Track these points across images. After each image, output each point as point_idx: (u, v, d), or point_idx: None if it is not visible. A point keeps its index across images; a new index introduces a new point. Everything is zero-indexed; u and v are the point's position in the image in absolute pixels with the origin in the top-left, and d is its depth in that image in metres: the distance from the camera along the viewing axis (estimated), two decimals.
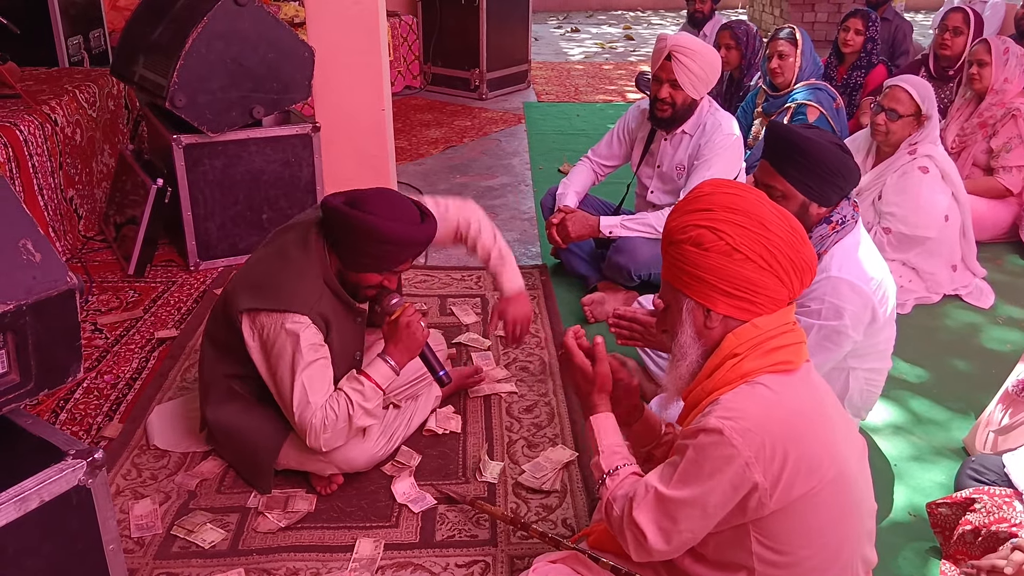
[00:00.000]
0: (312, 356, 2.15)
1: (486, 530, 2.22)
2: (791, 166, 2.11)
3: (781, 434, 1.41)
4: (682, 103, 3.16)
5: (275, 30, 3.47)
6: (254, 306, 2.18)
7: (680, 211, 1.56)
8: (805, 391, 1.50)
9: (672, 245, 1.54)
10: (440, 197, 2.62)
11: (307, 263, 2.21)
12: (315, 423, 2.15)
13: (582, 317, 3.30)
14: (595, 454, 1.71)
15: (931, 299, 3.55)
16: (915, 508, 2.34)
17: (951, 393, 2.92)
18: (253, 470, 2.35)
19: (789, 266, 1.48)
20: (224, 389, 2.35)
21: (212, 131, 3.46)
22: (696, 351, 1.55)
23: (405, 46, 7.00)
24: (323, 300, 2.21)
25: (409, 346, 2.25)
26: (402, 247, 2.19)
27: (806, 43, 4.11)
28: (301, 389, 2.14)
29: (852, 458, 1.52)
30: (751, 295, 1.48)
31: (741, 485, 1.41)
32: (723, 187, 1.55)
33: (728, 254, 1.47)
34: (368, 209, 2.13)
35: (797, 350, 1.51)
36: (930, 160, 3.44)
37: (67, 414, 2.66)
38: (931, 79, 4.59)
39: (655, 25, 11.51)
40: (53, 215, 3.66)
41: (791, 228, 1.49)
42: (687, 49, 3.06)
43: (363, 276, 2.24)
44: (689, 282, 1.51)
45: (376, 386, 2.21)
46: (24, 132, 3.46)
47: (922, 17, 11.00)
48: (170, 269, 3.68)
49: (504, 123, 6.22)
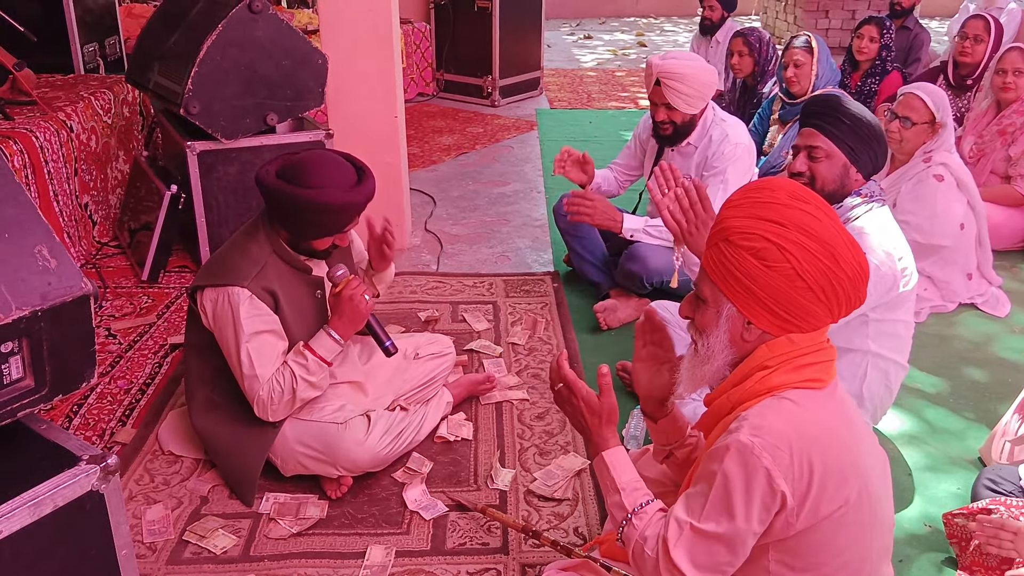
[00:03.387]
0: (254, 327, 2.21)
1: (497, 538, 2.21)
2: (833, 125, 2.25)
3: (807, 449, 1.36)
4: (681, 121, 3.17)
5: (289, 38, 3.48)
6: (199, 284, 2.28)
7: (746, 209, 1.43)
8: (832, 407, 1.45)
9: (727, 244, 1.42)
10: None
11: (250, 240, 2.29)
12: (262, 395, 2.22)
13: (594, 324, 3.30)
14: (614, 493, 1.60)
15: (946, 308, 3.52)
16: (930, 518, 2.32)
17: (967, 402, 2.90)
18: (238, 481, 2.36)
19: (845, 302, 1.42)
20: (203, 399, 2.39)
21: (226, 138, 3.48)
22: (725, 357, 1.48)
23: (418, 53, 7.02)
24: (267, 272, 2.26)
25: (353, 318, 2.29)
26: (342, 212, 2.22)
27: (822, 51, 4.09)
28: (248, 361, 2.20)
29: (876, 475, 1.48)
30: (798, 319, 1.42)
31: (772, 504, 1.37)
32: (800, 200, 1.42)
33: (790, 279, 1.38)
34: (303, 181, 2.17)
35: (827, 368, 1.46)
36: (945, 168, 3.42)
37: (80, 419, 2.67)
38: (949, 88, 4.57)
39: (668, 32, 11.50)
40: (68, 221, 3.68)
41: (860, 266, 1.41)
42: (673, 74, 3.05)
43: (313, 243, 2.30)
44: (737, 289, 1.42)
45: (320, 359, 2.26)
46: (40, 138, 3.49)
47: (937, 24, 10.95)
48: (184, 275, 3.69)
49: (516, 130, 6.23)
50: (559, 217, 3.57)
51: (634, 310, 3.33)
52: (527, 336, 3.21)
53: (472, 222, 4.43)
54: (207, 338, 2.30)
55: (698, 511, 1.42)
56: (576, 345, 3.16)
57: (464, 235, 4.25)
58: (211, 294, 2.24)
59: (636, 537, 1.52)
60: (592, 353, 3.11)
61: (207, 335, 2.30)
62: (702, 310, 1.50)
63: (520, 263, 3.93)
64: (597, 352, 3.12)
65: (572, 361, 3.04)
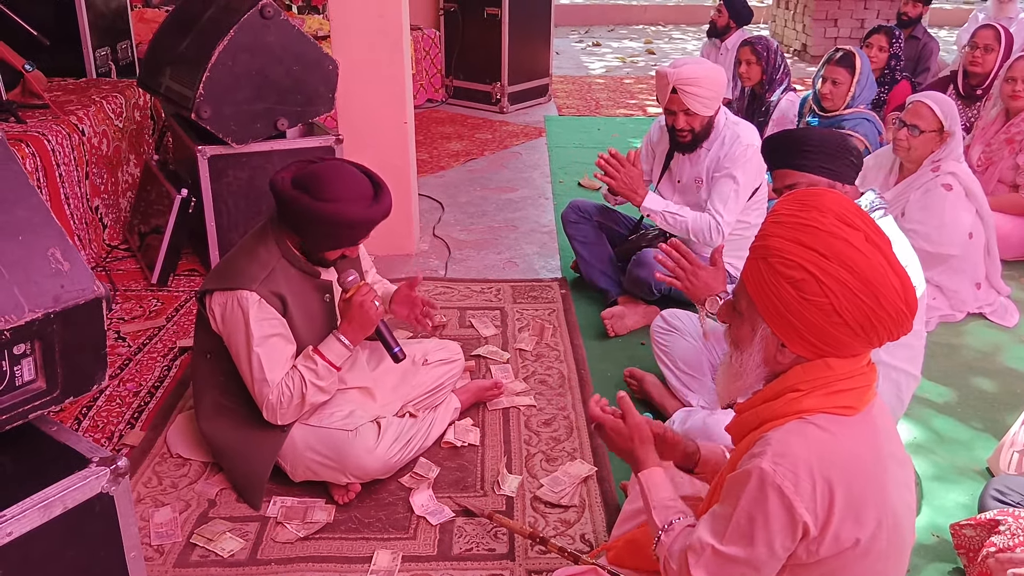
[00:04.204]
0: (264, 331, 2.21)
1: (504, 544, 2.22)
2: (803, 158, 2.23)
3: (828, 478, 1.33)
4: (700, 125, 3.18)
5: (300, 43, 3.50)
6: (208, 288, 2.28)
7: (789, 230, 1.36)
8: (861, 434, 1.38)
9: (767, 265, 1.37)
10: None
11: (259, 244, 2.30)
12: (271, 399, 2.22)
13: (602, 331, 3.30)
14: (648, 511, 1.63)
15: (955, 317, 3.51)
16: (938, 529, 2.31)
17: (974, 412, 2.89)
18: (245, 485, 2.36)
19: (887, 336, 1.36)
20: (211, 403, 2.39)
21: (237, 143, 3.49)
22: (759, 375, 1.45)
23: (427, 59, 7.04)
24: (275, 276, 2.26)
25: (363, 324, 2.29)
26: (359, 228, 2.23)
27: (864, 71, 4.02)
28: (258, 365, 2.20)
29: (902, 502, 1.42)
30: (835, 348, 1.37)
31: (794, 532, 1.35)
32: (848, 227, 1.33)
33: (828, 314, 1.32)
34: (320, 194, 2.16)
35: (862, 394, 1.40)
36: (954, 177, 3.41)
37: (90, 421, 2.68)
38: (958, 97, 4.57)
39: (676, 39, 11.51)
40: (79, 224, 3.70)
41: (905, 303, 1.33)
42: (689, 79, 3.07)
43: (325, 253, 2.31)
44: (773, 313, 1.38)
45: (329, 364, 2.26)
46: (52, 141, 3.51)
47: (946, 33, 10.94)
48: (193, 278, 3.71)
49: (525, 136, 6.24)
50: (567, 223, 3.58)
51: (642, 317, 3.34)
52: (534, 342, 3.22)
53: (480, 228, 4.44)
54: (216, 342, 2.31)
55: (720, 534, 1.41)
56: (583, 352, 3.16)
57: (472, 241, 4.26)
58: (220, 298, 2.25)
59: (664, 553, 1.54)
60: (600, 360, 3.11)
61: (216, 339, 2.31)
62: (738, 322, 1.47)
63: (528, 269, 3.93)
64: (605, 359, 3.12)
65: (579, 367, 3.04)
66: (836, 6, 9.42)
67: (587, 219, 3.56)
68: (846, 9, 9.44)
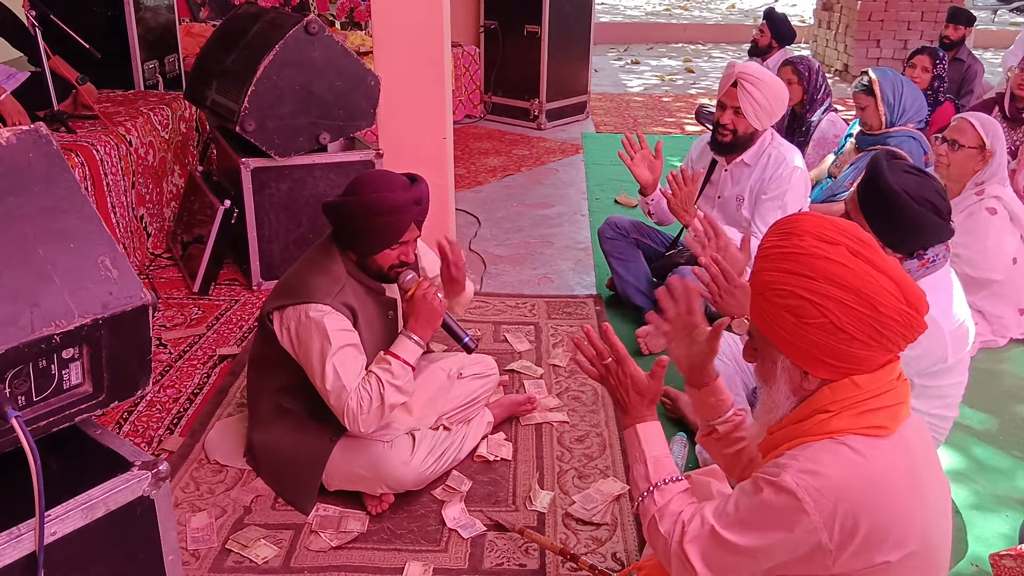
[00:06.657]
0: (340, 341, 2.22)
1: (535, 560, 2.22)
2: (877, 215, 2.12)
3: (857, 501, 1.31)
4: (743, 131, 3.17)
5: (343, 59, 3.56)
6: (279, 304, 2.30)
7: (774, 262, 1.38)
8: (896, 457, 1.36)
9: (763, 298, 1.39)
10: None
11: (325, 261, 2.33)
12: (351, 405, 2.21)
13: (636, 349, 3.29)
14: (640, 464, 1.61)
15: (997, 343, 3.45)
16: (977, 559, 2.27)
17: (1016, 441, 2.83)
18: (296, 488, 2.38)
19: (901, 339, 1.35)
20: (272, 406, 2.41)
21: (279, 155, 3.55)
22: (789, 405, 1.44)
23: (467, 76, 7.10)
24: (346, 290, 2.30)
25: (429, 318, 2.30)
26: (397, 213, 2.25)
27: (885, 89, 3.99)
28: (333, 373, 2.20)
29: (938, 529, 1.40)
30: (854, 365, 1.35)
31: (801, 547, 1.34)
32: (827, 243, 1.34)
33: (832, 332, 1.32)
34: (359, 191, 2.26)
35: (894, 413, 1.37)
36: (998, 201, 3.36)
37: (130, 426, 2.73)
38: (1004, 120, 4.50)
39: (716, 58, 11.48)
40: (124, 232, 3.79)
41: (907, 302, 1.33)
42: (754, 77, 3.06)
43: (378, 258, 2.31)
44: (785, 344, 1.38)
45: (404, 363, 2.26)
46: (100, 151, 3.60)
47: (991, 55, 10.78)
48: (233, 288, 3.77)
49: (562, 153, 6.26)
50: (603, 240, 3.58)
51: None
52: (568, 358, 3.22)
53: (516, 243, 4.45)
54: (280, 354, 2.32)
55: (726, 519, 1.42)
56: None
57: (508, 256, 4.28)
58: (293, 312, 2.25)
59: (654, 512, 1.53)
60: None
61: (280, 351, 2.31)
62: (760, 360, 1.47)
63: (563, 285, 3.94)
64: None
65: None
66: (879, 27, 9.34)
67: (624, 236, 3.56)
68: (888, 30, 9.35)
